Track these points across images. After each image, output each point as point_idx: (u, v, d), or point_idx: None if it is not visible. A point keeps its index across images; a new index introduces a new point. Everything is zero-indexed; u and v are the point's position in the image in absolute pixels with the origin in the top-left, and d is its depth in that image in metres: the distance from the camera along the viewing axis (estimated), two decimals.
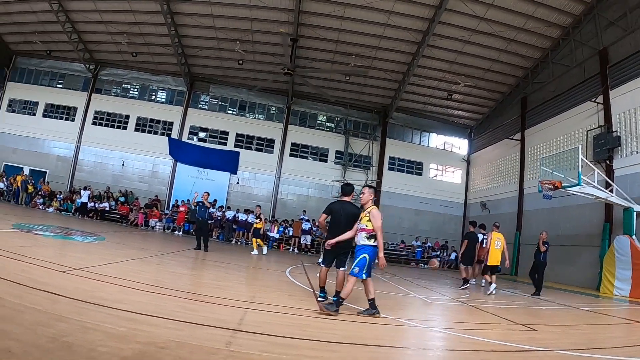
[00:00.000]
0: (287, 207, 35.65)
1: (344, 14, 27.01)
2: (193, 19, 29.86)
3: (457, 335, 7.38)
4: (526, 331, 8.29)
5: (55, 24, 32.19)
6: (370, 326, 7.37)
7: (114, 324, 5.00)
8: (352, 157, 36.50)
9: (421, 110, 36.79)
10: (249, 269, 15.30)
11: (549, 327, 9.15)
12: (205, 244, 18.59)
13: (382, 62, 31.31)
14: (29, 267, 7.64)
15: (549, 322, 10.05)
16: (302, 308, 8.18)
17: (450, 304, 12.19)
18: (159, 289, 7.93)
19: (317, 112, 37.81)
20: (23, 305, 5.11)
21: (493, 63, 29.27)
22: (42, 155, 36.16)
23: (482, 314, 10.40)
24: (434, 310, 11.02)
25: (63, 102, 36.87)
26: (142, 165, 36.30)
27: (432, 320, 9.48)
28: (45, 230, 15.82)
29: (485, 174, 35.07)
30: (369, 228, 7.91)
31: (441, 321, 9.52)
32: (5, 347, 3.69)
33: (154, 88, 37.46)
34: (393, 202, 35.78)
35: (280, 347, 5.31)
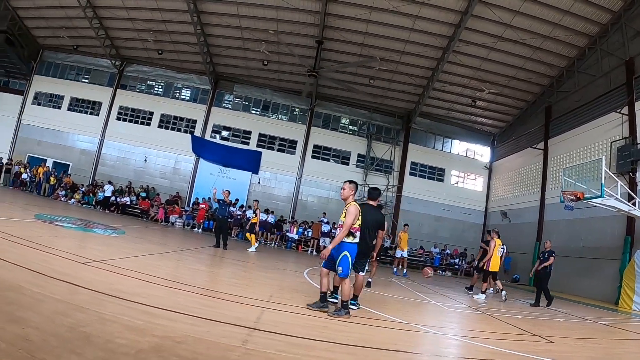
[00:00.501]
0: (307, 208, 35.88)
1: (369, 17, 27.15)
2: (219, 19, 30.30)
3: (473, 344, 7.43)
4: (543, 343, 8.29)
5: (82, 19, 32.86)
6: (387, 331, 7.51)
7: (132, 317, 5.18)
8: (374, 161, 36.68)
9: (444, 116, 36.79)
10: (267, 269, 15.32)
11: (566, 340, 9.18)
12: (224, 242, 18.84)
13: (406, 67, 31.34)
14: (50, 258, 7.90)
15: (566, 335, 10.02)
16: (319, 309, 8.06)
17: (466, 312, 12.23)
18: (177, 285, 8.14)
19: (340, 114, 37.96)
20: (43, 294, 5.32)
21: (518, 71, 29.15)
22: (66, 148, 37.08)
23: (498, 324, 10.35)
24: (450, 318, 11.10)
25: (88, 97, 37.71)
26: (164, 161, 36.96)
27: (448, 327, 9.51)
28: (67, 221, 16.24)
29: (507, 182, 34.87)
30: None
31: (457, 329, 9.53)
32: (24, 334, 3.87)
33: (179, 86, 38.09)
34: (413, 207, 35.86)
35: (297, 347, 5.41)
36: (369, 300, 10.31)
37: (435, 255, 33.28)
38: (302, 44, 30.75)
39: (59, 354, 3.63)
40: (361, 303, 9.24)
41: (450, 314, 11.52)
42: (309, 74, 28.32)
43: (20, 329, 3.93)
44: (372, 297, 11.43)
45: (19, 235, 9.38)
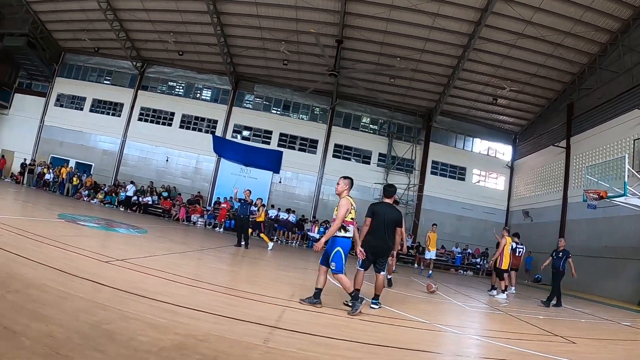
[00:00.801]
0: (328, 207, 35.69)
1: (389, 15, 27.27)
2: (239, 19, 30.66)
3: (495, 344, 7.42)
4: (565, 343, 8.27)
5: (103, 22, 33.57)
6: (409, 330, 7.57)
7: (154, 315, 5.28)
8: (395, 160, 36.73)
9: (465, 115, 36.77)
10: (288, 268, 15.55)
11: (588, 341, 9.12)
12: (245, 242, 19.08)
13: (427, 65, 31.36)
14: (73, 256, 8.10)
15: (588, 336, 9.92)
16: (341, 309, 8.25)
17: (488, 312, 12.27)
18: (199, 283, 8.29)
19: (361, 113, 38.13)
20: (66, 292, 5.45)
21: (539, 68, 29.00)
22: (88, 149, 37.95)
23: (520, 324, 10.28)
24: (472, 318, 11.19)
25: (110, 98, 38.53)
26: (185, 161, 37.52)
27: (470, 327, 9.55)
28: (90, 221, 16.58)
29: (529, 181, 34.66)
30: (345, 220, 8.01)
31: (479, 329, 9.58)
32: (48, 331, 3.96)
33: (199, 86, 38.64)
34: (435, 206, 35.86)
35: (318, 346, 5.46)
36: (391, 300, 10.46)
37: (457, 255, 33.25)
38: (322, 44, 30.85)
39: (82, 351, 3.74)
40: (383, 302, 9.33)
41: (472, 314, 11.63)
42: (329, 74, 28.53)
43: (44, 326, 4.05)
44: (394, 296, 11.59)
45: (42, 235, 9.66)
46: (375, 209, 8.87)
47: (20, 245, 7.86)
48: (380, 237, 8.66)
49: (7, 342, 3.53)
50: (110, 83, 39.11)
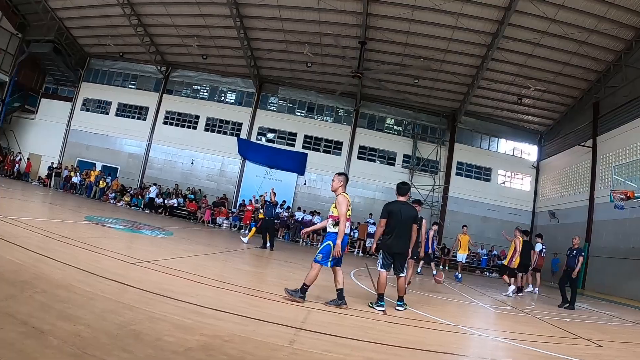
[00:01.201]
0: (353, 209, 35.27)
1: (412, 16, 27.33)
2: (262, 23, 31.08)
3: (520, 347, 7.40)
4: (591, 347, 8.29)
5: (127, 27, 34.50)
6: (434, 332, 7.72)
7: (181, 316, 5.41)
8: (420, 161, 36.80)
9: (490, 115, 36.71)
10: None
11: (615, 344, 9.11)
12: (271, 243, 19.34)
13: (451, 65, 31.39)
14: (100, 258, 8.37)
15: (615, 339, 9.84)
16: (365, 310, 8.37)
17: (514, 314, 12.19)
18: (224, 284, 8.50)
19: (385, 115, 38.29)
20: (94, 293, 5.63)
21: (564, 66, 28.80)
22: (114, 152, 38.91)
23: (546, 327, 10.21)
24: (497, 320, 11.25)
25: (135, 102, 39.44)
26: (210, 164, 38.13)
27: (495, 329, 9.55)
28: (116, 223, 16.99)
29: (555, 181, 34.48)
30: (335, 215, 8.04)
31: (505, 331, 9.41)
32: (75, 331, 4.08)
33: (224, 89, 39.31)
34: (460, 208, 35.86)
35: (344, 347, 5.53)
36: (416, 302, 10.62)
37: (482, 257, 33.12)
38: (345, 45, 31.03)
39: (109, 350, 3.85)
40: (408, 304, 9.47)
41: (498, 316, 11.71)
42: (353, 75, 28.84)
43: (72, 326, 4.19)
44: (419, 298, 11.76)
45: (70, 236, 10.00)
46: (390, 209, 9.02)
47: (48, 247, 8.17)
48: (397, 236, 8.80)
49: (36, 341, 3.68)
50: (136, 87, 40.05)
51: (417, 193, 34.85)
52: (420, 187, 35.67)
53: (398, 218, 8.83)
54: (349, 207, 8.19)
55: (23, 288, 5.11)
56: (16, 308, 4.34)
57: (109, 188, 34.55)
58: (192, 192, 35.73)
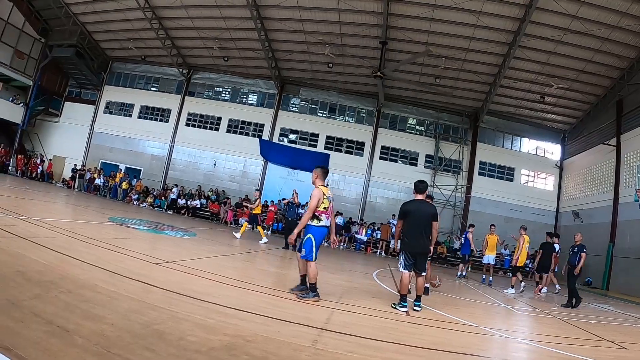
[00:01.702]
0: (375, 210, 36.42)
1: (432, 15, 27.46)
2: (282, 24, 31.59)
3: (544, 349, 7.40)
4: (616, 349, 8.26)
5: (149, 31, 35.31)
6: (457, 333, 7.76)
7: (204, 316, 5.55)
8: (442, 161, 36.90)
9: (513, 114, 36.59)
10: (336, 270, 15.45)
11: None
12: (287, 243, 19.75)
13: (472, 64, 31.48)
14: (124, 258, 8.63)
15: None
16: (388, 311, 8.44)
17: (537, 316, 12.19)
18: (247, 285, 8.62)
19: (407, 115, 38.41)
20: (118, 293, 5.81)
21: (587, 64, 28.65)
22: (137, 154, 39.89)
23: (570, 328, 10.21)
24: (520, 321, 11.28)
25: (157, 104, 40.37)
26: (233, 165, 38.76)
27: (518, 331, 9.57)
28: (139, 224, 17.51)
29: (579, 181, 34.03)
30: None
31: (528, 333, 9.59)
32: (99, 330, 4.22)
33: (245, 91, 39.91)
34: (483, 208, 35.71)
35: (366, 348, 5.60)
36: (439, 302, 10.75)
37: (505, 257, 32.70)
38: (366, 46, 31.68)
39: (133, 349, 3.96)
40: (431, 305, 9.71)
41: (521, 317, 11.79)
42: (374, 75, 29.09)
43: (96, 325, 4.33)
44: (442, 299, 11.82)
45: (93, 237, 10.33)
46: (408, 208, 9.10)
47: (72, 247, 8.45)
48: (417, 235, 8.87)
49: (61, 340, 3.81)
50: (158, 90, 40.92)
51: (439, 193, 35.30)
52: (442, 188, 35.98)
53: (417, 216, 8.92)
54: (323, 200, 8.26)
55: (48, 288, 5.32)
56: (42, 307, 4.53)
57: (132, 189, 35.38)
58: (214, 194, 36.34)
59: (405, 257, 8.95)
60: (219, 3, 30.79)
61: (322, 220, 8.32)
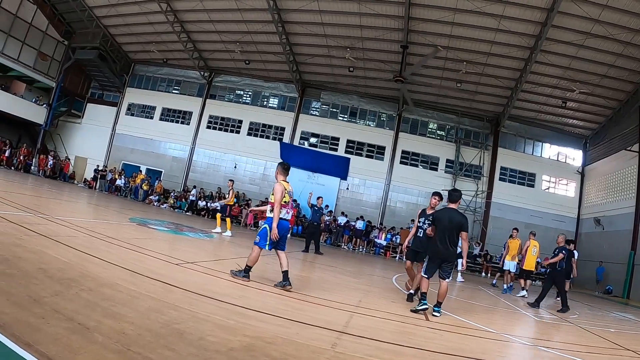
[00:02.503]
0: (395, 214, 36.56)
1: (453, 19, 27.57)
2: (303, 28, 32.00)
3: (563, 357, 7.37)
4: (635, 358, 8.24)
5: (171, 34, 36.00)
6: (476, 339, 7.72)
7: (224, 317, 5.62)
8: (463, 167, 36.92)
9: (534, 119, 36.55)
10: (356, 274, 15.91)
11: None
12: (316, 247, 20.24)
13: (494, 69, 31.51)
14: (144, 258, 8.83)
15: None
16: (407, 316, 8.54)
17: (557, 323, 12.06)
18: (267, 287, 8.59)
19: (428, 119, 38.58)
20: (138, 292, 5.91)
21: (609, 68, 28.44)
22: (158, 156, 40.70)
23: (590, 337, 10.21)
24: (540, 328, 11.23)
25: (179, 107, 41.18)
26: (253, 168, 39.26)
27: (538, 338, 9.54)
28: (160, 225, 17.88)
29: (600, 187, 33.92)
30: (272, 201, 8.61)
31: (548, 340, 9.50)
32: (119, 328, 4.30)
33: (266, 94, 40.48)
34: (503, 214, 35.52)
35: (385, 352, 5.67)
36: (458, 308, 10.89)
37: None
38: (387, 50, 31.97)
39: (153, 348, 4.02)
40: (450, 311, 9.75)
41: (541, 325, 11.74)
42: (395, 80, 29.42)
43: (117, 324, 4.42)
44: (461, 304, 12.04)
45: (114, 237, 10.58)
46: (439, 216, 9.29)
47: (93, 247, 8.64)
48: (444, 242, 8.90)
49: (81, 337, 3.88)
50: (179, 92, 41.79)
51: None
52: (463, 193, 35.43)
53: (445, 225, 8.99)
54: (285, 194, 8.71)
55: (69, 285, 5.42)
56: (62, 304, 4.62)
57: (153, 191, 35.99)
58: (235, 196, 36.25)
59: (429, 262, 9.15)
60: (240, 7, 31.28)
61: (281, 213, 8.69)
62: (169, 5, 33.08)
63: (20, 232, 8.20)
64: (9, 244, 6.95)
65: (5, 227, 8.33)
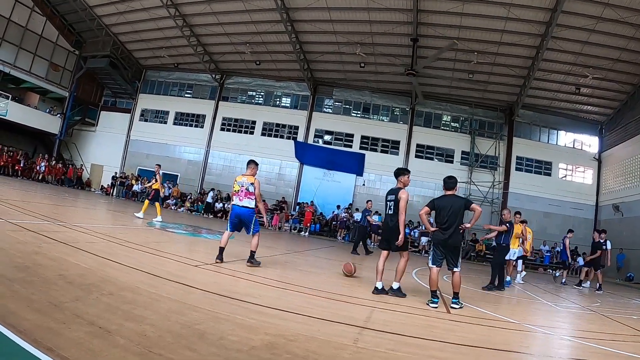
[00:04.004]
0: (412, 208, 35.48)
1: (462, 10, 27.54)
2: (312, 25, 32.25)
3: (586, 345, 7.35)
4: None
5: (180, 38, 36.63)
6: (499, 330, 7.66)
7: (244, 316, 5.64)
8: (478, 158, 37.03)
9: (548, 107, 36.61)
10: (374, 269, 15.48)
11: None
12: (365, 248, 21.09)
13: (505, 58, 31.44)
14: (163, 261, 8.95)
15: None
16: (428, 309, 8.46)
17: (580, 312, 12.19)
18: (287, 285, 8.74)
19: (441, 112, 38.76)
20: (158, 294, 5.97)
21: (622, 52, 28.26)
22: (173, 160, 41.08)
23: (613, 324, 10.13)
24: (562, 317, 11.12)
25: (192, 110, 41.77)
26: (268, 168, 39.25)
27: (560, 327, 9.48)
28: (178, 228, 18.30)
29: (618, 173, 33.73)
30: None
31: (570, 329, 9.48)
32: (140, 330, 4.36)
33: (278, 94, 40.86)
34: (521, 204, 34.32)
35: (408, 346, 5.61)
36: (480, 300, 10.94)
37: (545, 254, 32.78)
38: (397, 44, 32.13)
39: (174, 349, 4.07)
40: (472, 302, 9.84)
41: (562, 314, 11.62)
42: (407, 73, 29.58)
43: (138, 326, 4.48)
44: (482, 296, 12.00)
45: (133, 241, 10.84)
46: (437, 203, 9.13)
47: (112, 251, 8.78)
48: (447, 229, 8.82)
49: (103, 341, 3.95)
50: (192, 96, 42.32)
51: (476, 190, 35.77)
52: (479, 184, 36.27)
53: (446, 212, 8.88)
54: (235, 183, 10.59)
55: (90, 290, 5.52)
56: (83, 309, 4.70)
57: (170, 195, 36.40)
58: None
59: (434, 251, 9.08)
60: (248, 8, 31.65)
61: (233, 200, 10.51)
62: (177, 10, 33.51)
63: (40, 240, 8.42)
64: (28, 252, 7.16)
65: (24, 236, 8.54)
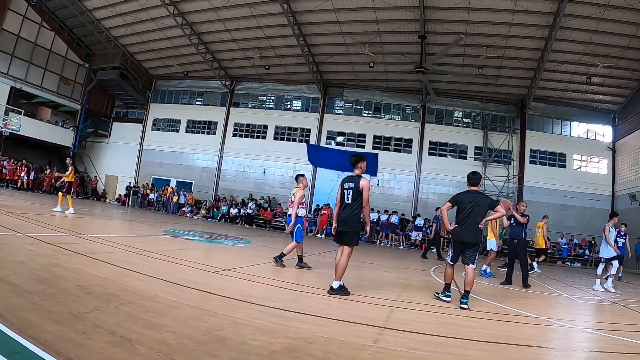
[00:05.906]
0: (427, 206, 36.15)
1: (469, 4, 27.52)
2: (320, 27, 32.40)
3: (609, 337, 7.36)
4: None
5: (189, 47, 37.17)
6: (520, 326, 7.78)
7: (264, 320, 5.70)
8: (492, 152, 36.87)
9: (560, 98, 36.27)
10: (392, 269, 15.87)
11: None
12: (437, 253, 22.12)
13: (514, 51, 31.37)
14: (181, 268, 9.04)
15: None
16: (448, 307, 8.46)
17: (601, 304, 12.23)
18: (305, 288, 8.83)
19: (452, 108, 38.70)
20: (177, 302, 6.04)
21: (631, 39, 28.08)
22: (187, 168, 41.67)
23: (635, 315, 10.25)
24: (583, 310, 11.22)
25: (203, 118, 42.15)
26: (282, 171, 39.76)
27: (582, 320, 9.55)
28: (194, 235, 18.46)
29: (633, 162, 33.07)
30: None
31: (592, 322, 9.55)
32: (161, 338, 4.40)
33: (289, 97, 41.12)
34: (536, 197, 35.03)
35: (429, 344, 5.65)
36: (499, 295, 11.04)
37: (563, 247, 32.61)
38: (405, 42, 32.29)
39: (195, 356, 4.12)
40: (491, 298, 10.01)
41: (584, 307, 11.63)
42: (416, 71, 29.69)
43: (158, 334, 4.52)
44: (502, 292, 12.07)
45: (150, 250, 11.01)
46: (459, 198, 8.97)
47: (130, 261, 8.95)
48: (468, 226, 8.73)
49: (124, 350, 4.00)
50: (203, 103, 42.79)
51: (491, 185, 35.66)
52: (494, 179, 36.15)
53: (468, 208, 8.76)
54: None
55: (109, 300, 5.61)
56: (103, 319, 4.78)
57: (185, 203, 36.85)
58: (267, 201, 37.33)
59: (453, 246, 9.05)
60: (255, 13, 31.97)
61: None
62: (184, 19, 33.95)
63: (58, 252, 8.62)
64: (47, 264, 7.32)
65: (42, 249, 8.73)
